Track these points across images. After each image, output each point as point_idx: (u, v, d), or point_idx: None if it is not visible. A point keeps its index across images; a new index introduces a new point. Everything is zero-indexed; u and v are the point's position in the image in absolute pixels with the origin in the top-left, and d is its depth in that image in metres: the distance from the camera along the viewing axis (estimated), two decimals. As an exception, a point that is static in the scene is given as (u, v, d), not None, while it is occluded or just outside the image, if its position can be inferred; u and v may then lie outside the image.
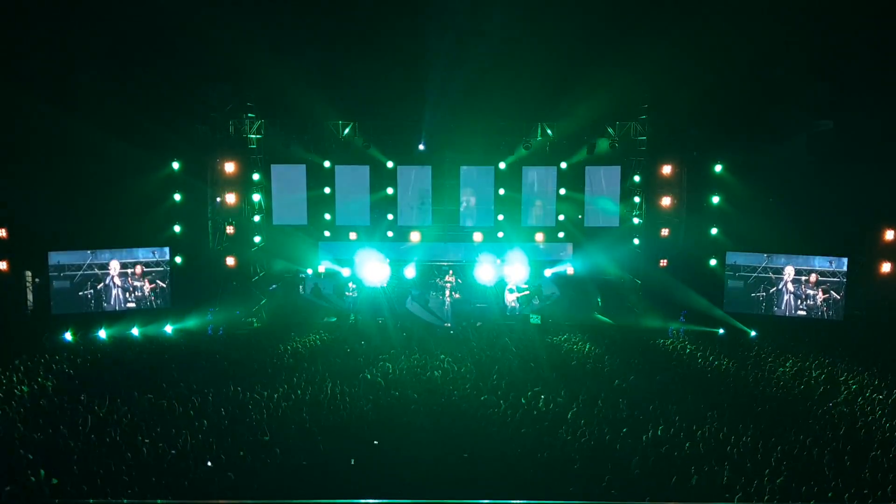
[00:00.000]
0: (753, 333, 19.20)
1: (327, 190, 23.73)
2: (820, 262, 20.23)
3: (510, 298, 21.98)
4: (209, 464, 10.26)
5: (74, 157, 19.38)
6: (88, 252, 19.82)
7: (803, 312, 20.39)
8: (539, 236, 23.88)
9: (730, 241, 21.34)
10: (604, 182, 23.76)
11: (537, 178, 24.09)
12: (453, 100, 20.79)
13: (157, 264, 20.56)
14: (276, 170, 23.89)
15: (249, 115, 22.48)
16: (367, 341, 17.94)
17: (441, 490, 9.71)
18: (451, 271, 22.50)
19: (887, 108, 19.27)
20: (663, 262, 22.01)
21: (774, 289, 20.61)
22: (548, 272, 23.49)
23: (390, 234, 23.94)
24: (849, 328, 19.59)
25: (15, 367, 14.54)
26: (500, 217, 23.98)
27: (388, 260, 22.55)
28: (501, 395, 13.46)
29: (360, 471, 10.45)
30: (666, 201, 21.98)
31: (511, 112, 21.74)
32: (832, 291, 20.13)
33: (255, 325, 20.70)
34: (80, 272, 19.77)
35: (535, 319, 20.75)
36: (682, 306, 20.55)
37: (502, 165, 23.29)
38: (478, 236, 23.69)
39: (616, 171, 23.71)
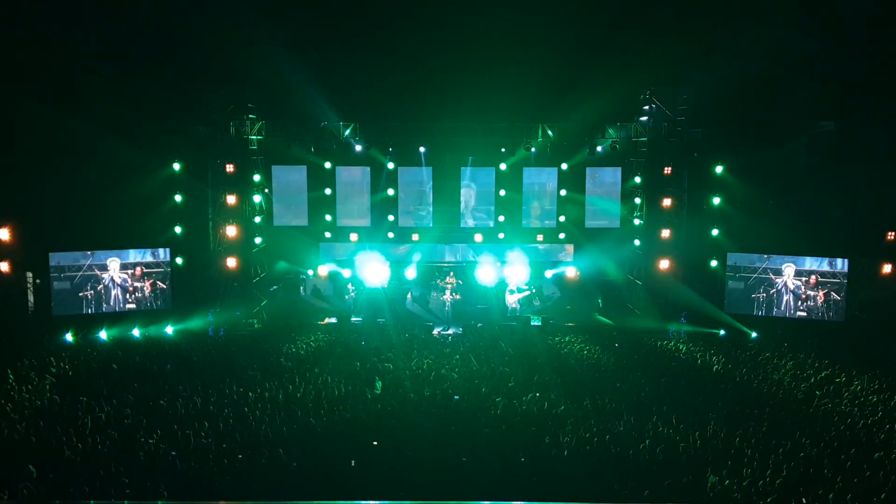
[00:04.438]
0: (754, 335, 19.17)
1: (328, 191, 23.74)
2: (821, 263, 20.22)
3: (511, 300, 21.97)
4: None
5: (75, 157, 19.38)
6: (89, 253, 19.83)
7: (803, 313, 20.37)
8: (540, 237, 23.91)
9: (730, 243, 21.32)
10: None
11: (537, 179, 24.10)
12: (454, 100, 20.80)
13: (158, 265, 20.57)
14: (277, 171, 23.91)
15: (250, 116, 22.45)
16: (367, 342, 17.93)
17: (441, 491, 9.70)
18: (451, 273, 22.49)
19: (888, 110, 19.26)
20: (664, 263, 22.00)
21: (774, 290, 20.59)
22: (548, 273, 23.48)
23: (391, 234, 23.95)
24: (850, 329, 19.57)
25: (16, 369, 14.52)
26: (501, 218, 23.98)
27: (388, 260, 22.58)
28: (501, 395, 13.44)
29: (361, 471, 10.43)
30: (667, 202, 21.97)
31: (511, 112, 21.73)
32: (833, 292, 20.11)
33: (256, 326, 20.72)
34: (81, 273, 19.78)
35: (535, 321, 20.76)
36: (682, 307, 20.53)
37: (503, 166, 23.29)
38: (478, 237, 23.69)
39: (617, 172, 23.74)
